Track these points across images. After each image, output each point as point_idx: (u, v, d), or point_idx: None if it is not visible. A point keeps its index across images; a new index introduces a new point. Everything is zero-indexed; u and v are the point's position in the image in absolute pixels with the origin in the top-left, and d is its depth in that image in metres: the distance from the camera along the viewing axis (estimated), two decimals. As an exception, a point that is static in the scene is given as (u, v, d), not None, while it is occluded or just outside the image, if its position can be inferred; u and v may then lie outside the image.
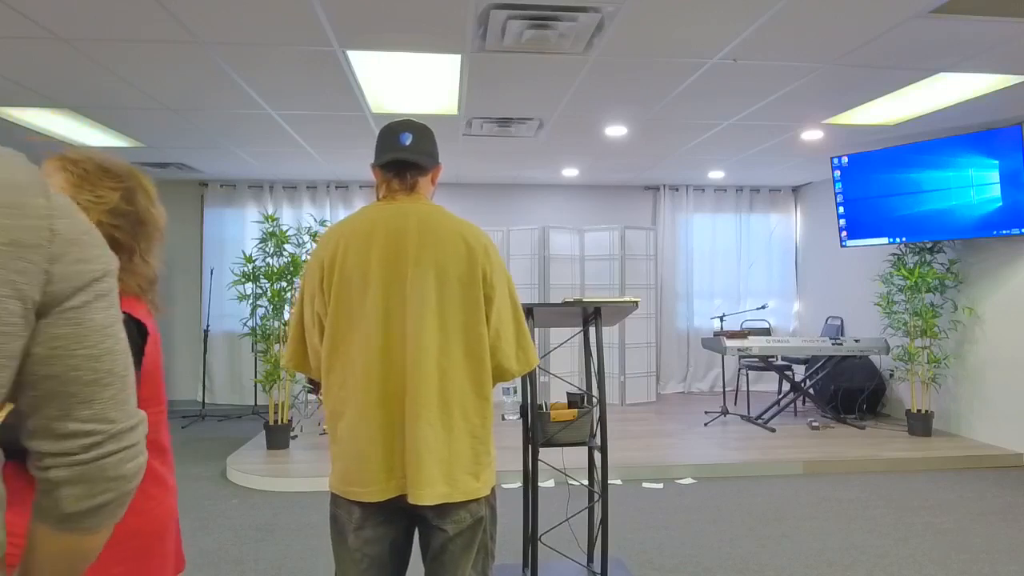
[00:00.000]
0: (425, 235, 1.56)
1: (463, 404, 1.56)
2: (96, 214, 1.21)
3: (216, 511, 4.04)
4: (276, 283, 5.31)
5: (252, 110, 4.48)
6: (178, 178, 7.28)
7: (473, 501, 1.57)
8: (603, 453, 2.69)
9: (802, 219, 8.04)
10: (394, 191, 1.63)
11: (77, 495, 0.73)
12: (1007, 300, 5.14)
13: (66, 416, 0.72)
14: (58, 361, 0.71)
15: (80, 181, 1.22)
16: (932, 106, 4.47)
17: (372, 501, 1.53)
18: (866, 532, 3.66)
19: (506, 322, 1.62)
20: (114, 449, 0.75)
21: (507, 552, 3.34)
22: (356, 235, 1.57)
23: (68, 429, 0.72)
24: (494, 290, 1.59)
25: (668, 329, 7.85)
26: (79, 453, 0.73)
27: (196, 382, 7.35)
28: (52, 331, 0.70)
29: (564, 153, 6.02)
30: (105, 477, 0.75)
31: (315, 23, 3.05)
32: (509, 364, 1.62)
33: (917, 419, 5.51)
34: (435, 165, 1.69)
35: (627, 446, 5.20)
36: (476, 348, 1.57)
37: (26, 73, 3.70)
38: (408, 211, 1.59)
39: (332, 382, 1.57)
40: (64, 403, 0.72)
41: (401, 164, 1.62)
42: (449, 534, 1.56)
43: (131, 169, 1.30)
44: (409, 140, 1.62)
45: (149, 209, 1.30)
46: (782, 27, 3.10)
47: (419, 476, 1.50)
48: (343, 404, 1.55)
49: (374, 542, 1.56)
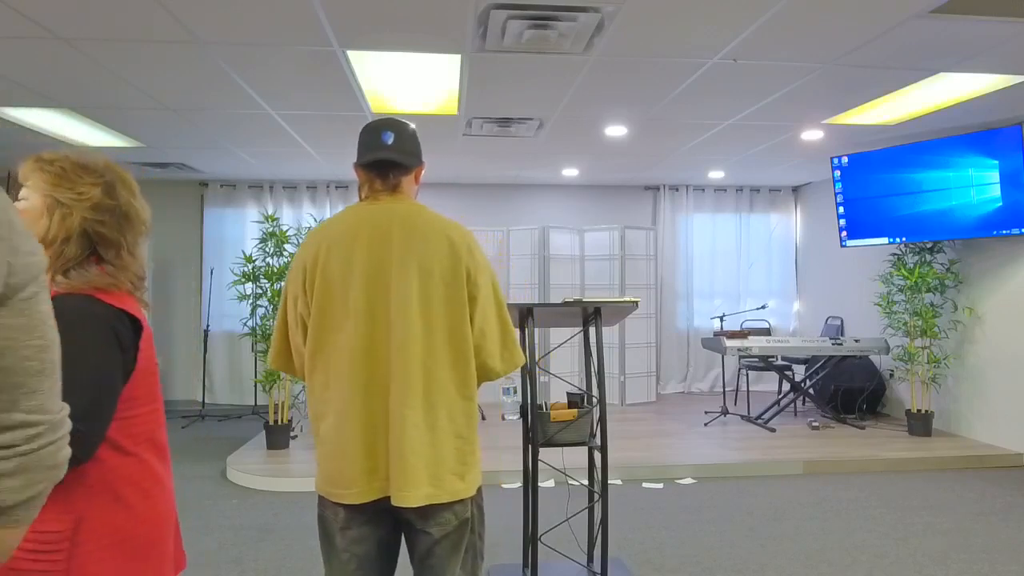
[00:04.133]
0: (408, 235, 1.55)
1: (448, 405, 1.55)
2: (80, 211, 1.21)
3: (216, 511, 4.04)
4: (276, 283, 5.31)
5: (252, 110, 4.48)
6: (178, 178, 7.27)
7: (458, 502, 1.56)
8: (603, 453, 2.69)
9: (802, 219, 8.04)
10: (377, 191, 1.62)
11: (15, 487, 0.73)
12: (1007, 300, 5.14)
13: (12, 407, 0.72)
14: (9, 353, 0.70)
15: (58, 179, 1.21)
16: (932, 106, 4.47)
17: (355, 503, 1.52)
18: (866, 532, 3.66)
19: (491, 321, 1.61)
20: (52, 439, 0.76)
21: (507, 552, 3.34)
22: (339, 236, 1.56)
23: (14, 420, 0.72)
24: (478, 289, 1.58)
25: (668, 329, 7.85)
26: (23, 444, 0.72)
27: (196, 382, 7.34)
28: (5, 321, 0.70)
29: (564, 153, 6.02)
30: (44, 466, 0.75)
31: (315, 23, 3.05)
32: (494, 363, 1.61)
33: (917, 419, 5.51)
34: (418, 164, 1.67)
35: (627, 446, 5.20)
36: (461, 348, 1.56)
37: (26, 73, 3.70)
38: (391, 211, 1.58)
39: (315, 383, 1.57)
40: (10, 395, 0.71)
41: (384, 164, 1.61)
42: (435, 537, 1.54)
43: (108, 163, 1.28)
44: (391, 139, 1.61)
45: (131, 202, 1.28)
46: (782, 27, 3.10)
47: (403, 478, 1.49)
48: (326, 405, 1.55)
49: (360, 542, 1.56)
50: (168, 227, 7.42)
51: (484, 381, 1.64)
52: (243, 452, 5.13)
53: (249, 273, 5.34)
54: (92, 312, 1.17)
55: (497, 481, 4.49)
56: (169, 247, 7.46)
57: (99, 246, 1.23)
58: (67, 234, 1.20)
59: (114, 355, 1.17)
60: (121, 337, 1.19)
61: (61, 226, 1.20)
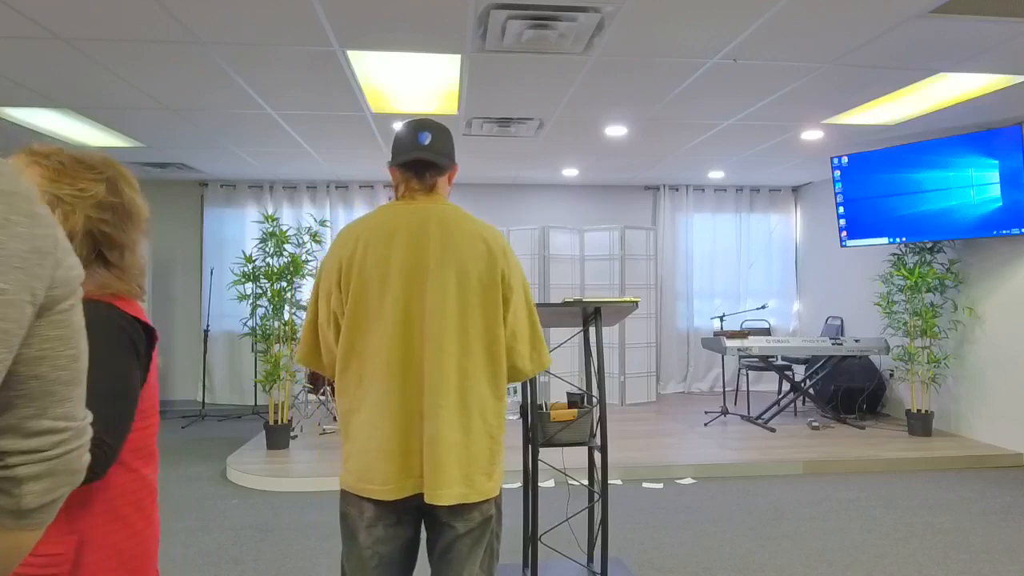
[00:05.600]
0: (446, 236, 1.56)
1: (482, 405, 1.56)
2: (83, 209, 1.13)
3: (216, 511, 4.04)
4: (276, 283, 5.31)
5: (252, 110, 4.48)
6: (178, 178, 7.27)
7: (485, 501, 1.58)
8: (603, 453, 2.69)
9: (802, 219, 8.04)
10: (413, 191, 1.63)
11: (40, 491, 0.75)
12: (1007, 300, 5.14)
13: (42, 414, 0.74)
14: (45, 362, 0.73)
15: (57, 175, 1.12)
16: (932, 106, 4.47)
17: (387, 499, 1.52)
18: (866, 532, 3.66)
19: (522, 323, 1.63)
20: (78, 445, 0.78)
21: (507, 552, 3.34)
22: (376, 234, 1.56)
23: (42, 427, 0.74)
24: (512, 291, 1.60)
25: (668, 329, 7.85)
26: (50, 449, 0.75)
27: (196, 382, 7.34)
28: (44, 332, 0.72)
29: (564, 153, 6.02)
30: (68, 471, 0.78)
31: (315, 23, 3.05)
32: (523, 364, 1.63)
33: (917, 419, 5.51)
34: (452, 165, 1.68)
35: (627, 446, 5.20)
36: (494, 349, 1.58)
37: (26, 73, 3.70)
38: (429, 212, 1.59)
39: (348, 380, 1.57)
40: (43, 402, 0.74)
41: (421, 164, 1.62)
42: (459, 531, 1.56)
43: (107, 158, 1.22)
44: (428, 139, 1.61)
45: (135, 200, 1.22)
46: (782, 27, 3.10)
47: (438, 476, 1.50)
48: (359, 402, 1.55)
49: (386, 541, 1.56)
50: (168, 227, 7.42)
51: (512, 382, 1.66)
52: (243, 452, 5.13)
53: (249, 273, 5.34)
54: (113, 322, 1.12)
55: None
56: (169, 247, 7.46)
57: (103, 247, 1.17)
58: (70, 234, 1.12)
59: (134, 366, 1.14)
60: (138, 347, 1.16)
61: (63, 225, 1.11)
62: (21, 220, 0.67)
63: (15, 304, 0.66)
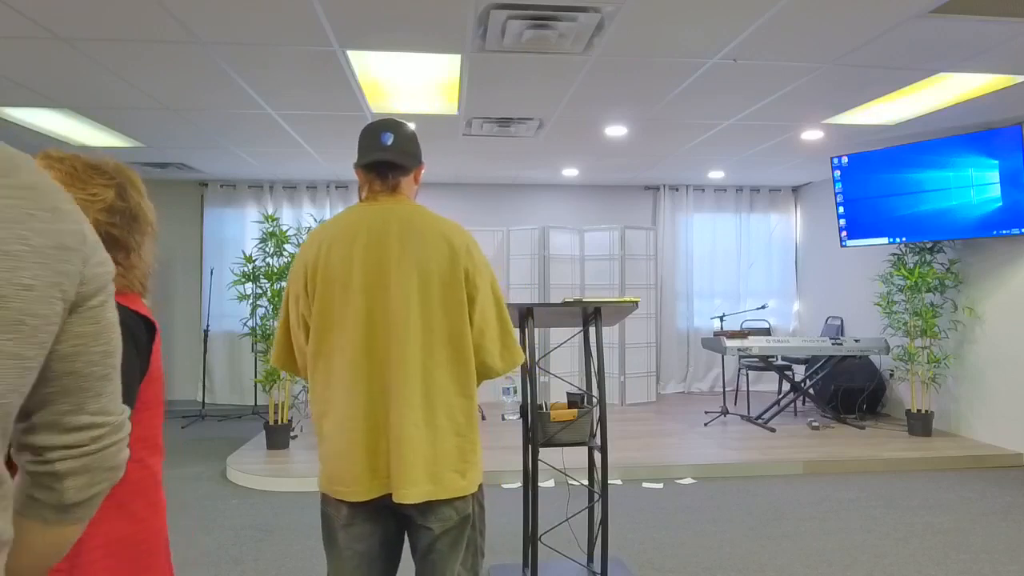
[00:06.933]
0: (407, 236, 1.57)
1: (448, 404, 1.56)
2: (92, 212, 1.19)
3: (216, 511, 4.04)
4: (276, 283, 5.31)
5: (252, 110, 4.48)
6: (178, 178, 7.28)
7: (459, 499, 1.58)
8: (603, 453, 2.69)
9: (802, 219, 8.04)
10: (376, 192, 1.64)
11: (79, 485, 0.77)
12: (1007, 300, 5.14)
13: (79, 410, 0.76)
14: (78, 358, 0.74)
15: (70, 179, 1.19)
16: (932, 106, 4.47)
17: (358, 500, 1.54)
18: (866, 532, 3.66)
19: (490, 321, 1.62)
20: (115, 440, 0.80)
21: (507, 552, 3.34)
22: (339, 236, 1.57)
23: (81, 422, 0.76)
24: (477, 290, 1.60)
25: (668, 329, 7.85)
26: (88, 444, 0.77)
27: (196, 382, 7.35)
28: (76, 329, 0.73)
29: (564, 153, 6.02)
30: (105, 467, 0.79)
31: (315, 23, 3.05)
32: (493, 362, 1.63)
33: (917, 419, 5.51)
34: (417, 165, 1.68)
35: (627, 446, 5.20)
36: (460, 348, 1.58)
37: (26, 73, 3.70)
38: (390, 212, 1.59)
39: (317, 382, 1.59)
40: (78, 398, 0.75)
41: (383, 165, 1.62)
42: (435, 532, 1.56)
43: (118, 164, 1.29)
44: (391, 140, 1.62)
45: (141, 204, 1.29)
46: (782, 27, 3.10)
47: (403, 476, 1.51)
48: (327, 404, 1.57)
49: (362, 539, 1.58)
50: (168, 227, 7.42)
51: (484, 379, 1.65)
52: (243, 452, 5.13)
53: (249, 273, 5.35)
54: None
55: (497, 481, 4.49)
56: (169, 247, 7.46)
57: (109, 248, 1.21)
58: None
59: (133, 360, 1.17)
60: (138, 341, 1.19)
61: None
62: (44, 215, 0.68)
63: (44, 300, 0.67)
